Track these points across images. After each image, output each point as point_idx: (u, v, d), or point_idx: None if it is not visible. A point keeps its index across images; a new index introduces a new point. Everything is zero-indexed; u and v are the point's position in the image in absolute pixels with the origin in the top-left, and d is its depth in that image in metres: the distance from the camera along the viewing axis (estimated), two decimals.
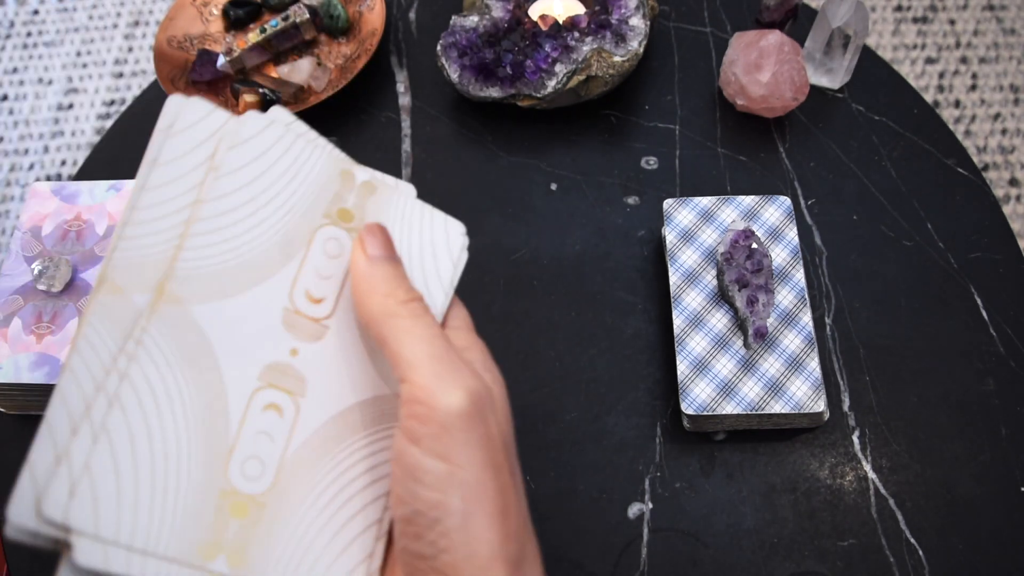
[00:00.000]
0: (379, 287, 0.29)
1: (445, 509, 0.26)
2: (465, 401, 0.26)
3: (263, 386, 0.29)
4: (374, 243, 0.30)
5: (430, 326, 0.28)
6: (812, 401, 0.51)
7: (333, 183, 0.32)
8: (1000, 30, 1.47)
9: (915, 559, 0.49)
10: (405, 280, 0.30)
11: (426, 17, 0.75)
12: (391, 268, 0.30)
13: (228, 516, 0.28)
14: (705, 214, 0.58)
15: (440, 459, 0.26)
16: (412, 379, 0.27)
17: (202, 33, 0.73)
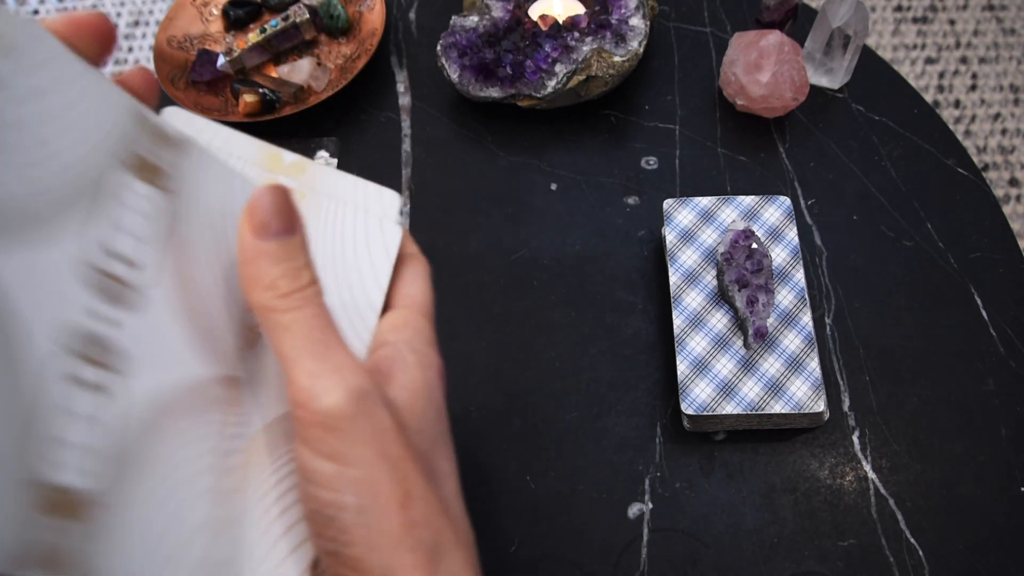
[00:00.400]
0: (263, 275, 0.26)
1: (338, 507, 0.25)
2: (343, 399, 0.25)
3: (62, 353, 0.24)
4: (260, 210, 0.26)
5: (312, 318, 0.26)
6: (812, 401, 0.51)
7: (123, 123, 0.26)
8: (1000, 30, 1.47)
9: (915, 559, 0.49)
10: (297, 261, 0.27)
11: (426, 17, 0.75)
12: (280, 247, 0.27)
13: (40, 516, 0.23)
14: (705, 214, 0.58)
15: (327, 459, 0.25)
16: (292, 379, 0.26)
17: (202, 33, 0.73)
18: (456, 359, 0.58)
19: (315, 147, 0.68)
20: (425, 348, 0.30)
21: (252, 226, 0.26)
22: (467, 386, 0.57)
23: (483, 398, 0.56)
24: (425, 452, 0.28)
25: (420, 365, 0.30)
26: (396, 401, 0.28)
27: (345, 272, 0.31)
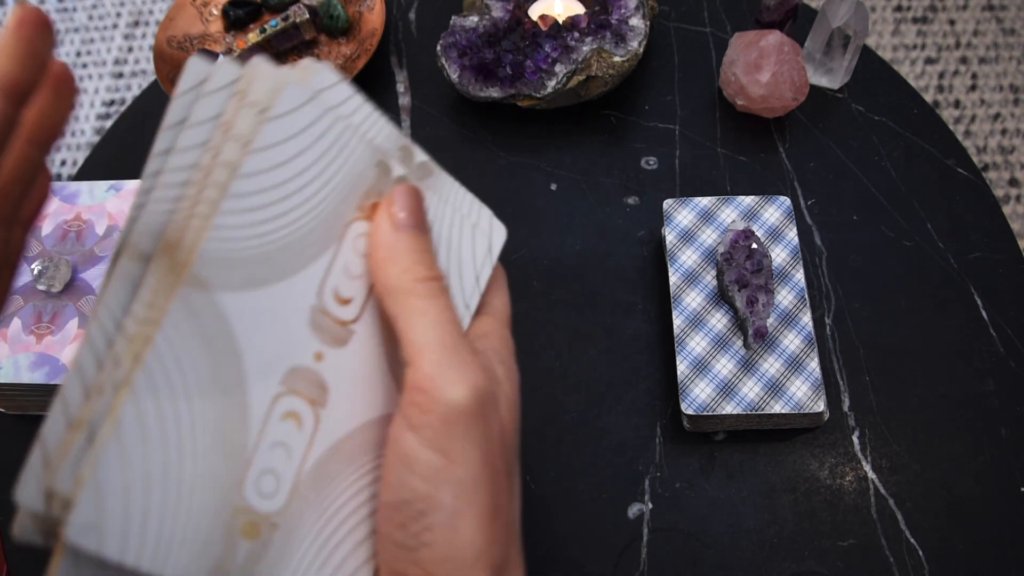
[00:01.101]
0: (400, 259, 0.27)
1: (434, 503, 0.25)
2: (469, 397, 0.25)
3: (285, 392, 0.26)
4: (403, 206, 0.28)
5: (445, 309, 0.27)
6: (812, 401, 0.51)
7: (368, 174, 0.29)
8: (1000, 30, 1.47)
9: (915, 559, 0.49)
10: (429, 254, 0.28)
11: (426, 17, 0.75)
12: (415, 239, 0.28)
13: (239, 537, 0.25)
14: (705, 214, 0.58)
15: (436, 452, 0.25)
16: (418, 365, 0.26)
17: (202, 33, 0.73)
18: None
19: None
20: (510, 360, 0.30)
21: (391, 216, 0.28)
22: None
23: None
24: (510, 458, 0.28)
25: (509, 379, 0.29)
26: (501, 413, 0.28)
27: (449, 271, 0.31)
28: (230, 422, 0.25)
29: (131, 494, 0.23)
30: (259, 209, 0.26)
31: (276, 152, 0.26)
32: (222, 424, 0.25)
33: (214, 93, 0.26)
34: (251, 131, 0.26)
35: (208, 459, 0.24)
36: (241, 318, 0.25)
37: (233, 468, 0.25)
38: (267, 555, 0.26)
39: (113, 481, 0.22)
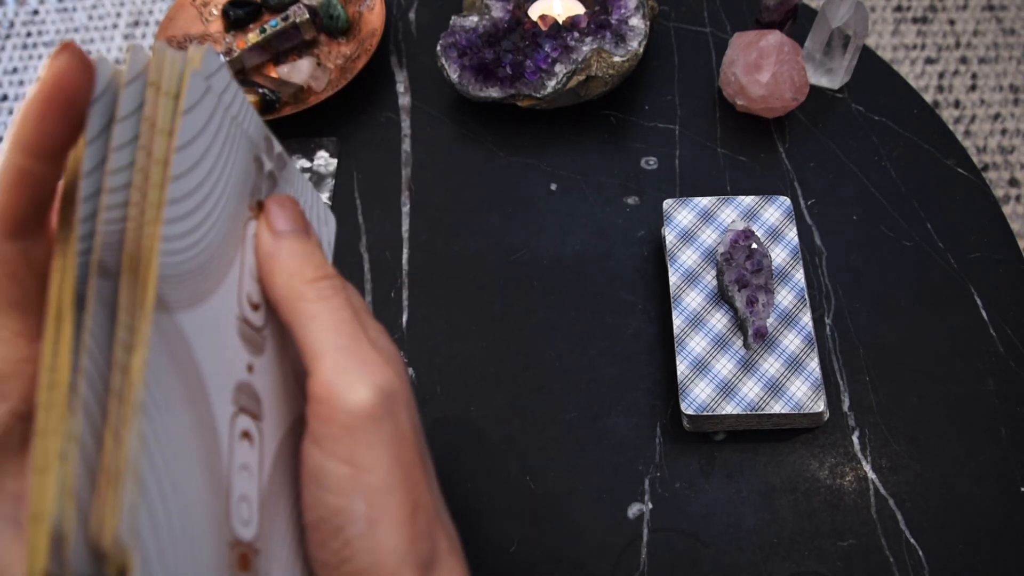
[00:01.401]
0: (284, 265, 0.26)
1: (348, 516, 0.24)
2: (371, 398, 0.24)
3: (236, 411, 0.25)
4: (281, 215, 0.27)
5: (338, 309, 0.26)
6: (812, 401, 0.51)
7: (251, 171, 0.28)
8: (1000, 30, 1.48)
9: (915, 559, 0.49)
10: (316, 255, 0.27)
11: (426, 17, 0.75)
12: (299, 243, 0.27)
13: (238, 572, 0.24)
14: (705, 214, 0.58)
15: (343, 462, 0.24)
16: (315, 373, 0.24)
17: (202, 33, 0.73)
18: (456, 359, 0.58)
19: (315, 147, 0.68)
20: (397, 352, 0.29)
21: (271, 228, 0.27)
22: (467, 386, 0.57)
23: (483, 398, 0.56)
24: (424, 455, 0.27)
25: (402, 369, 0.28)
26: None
27: None
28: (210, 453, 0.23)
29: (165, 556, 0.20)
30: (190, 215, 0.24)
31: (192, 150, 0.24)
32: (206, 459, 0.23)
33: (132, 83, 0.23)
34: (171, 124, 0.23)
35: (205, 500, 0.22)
36: (197, 337, 0.23)
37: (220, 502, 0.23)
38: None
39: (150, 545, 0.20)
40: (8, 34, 1.60)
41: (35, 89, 0.22)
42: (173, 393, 0.22)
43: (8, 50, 1.59)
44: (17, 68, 1.56)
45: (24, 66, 1.56)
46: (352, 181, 0.66)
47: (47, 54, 1.58)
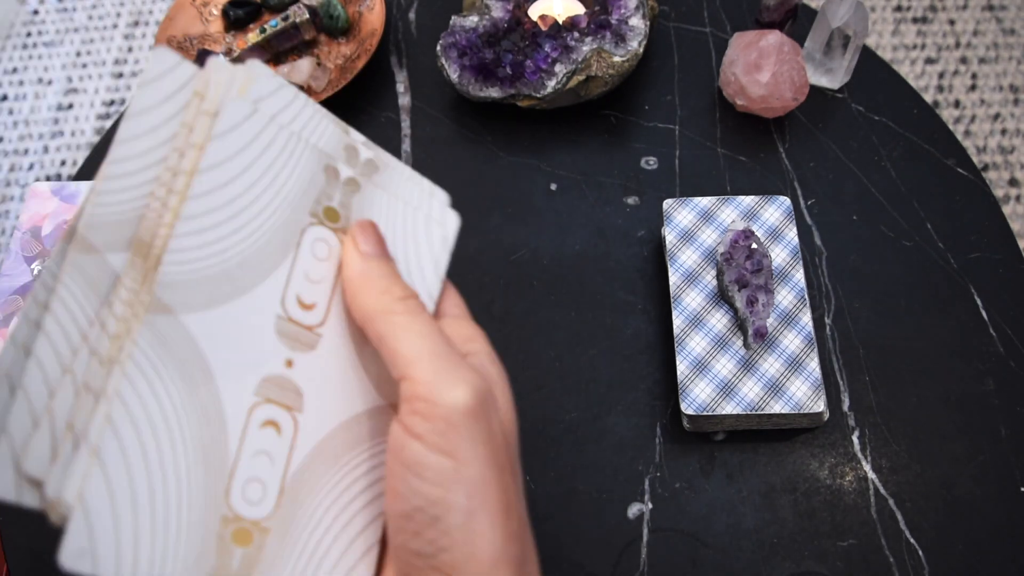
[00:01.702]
0: (374, 284, 0.29)
1: (447, 506, 0.25)
2: (469, 397, 0.26)
3: (260, 401, 0.27)
4: (366, 240, 0.30)
5: (428, 323, 0.28)
6: (812, 401, 0.51)
7: (318, 180, 0.30)
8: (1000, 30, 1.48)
9: (915, 559, 0.49)
10: (399, 277, 0.30)
11: (426, 17, 0.75)
12: (385, 265, 0.30)
13: (231, 545, 0.26)
14: (705, 214, 0.58)
15: (444, 455, 0.25)
16: (413, 376, 0.26)
17: (202, 33, 0.73)
18: None
19: None
20: (496, 359, 0.31)
21: (359, 248, 0.30)
22: None
23: None
24: (516, 465, 0.28)
25: (502, 378, 0.30)
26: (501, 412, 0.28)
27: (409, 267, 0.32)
28: (210, 438, 0.26)
29: (120, 519, 0.24)
30: (212, 228, 0.27)
31: (223, 171, 0.27)
32: (202, 441, 0.26)
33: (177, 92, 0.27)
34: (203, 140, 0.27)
35: (192, 476, 0.25)
36: (208, 336, 0.26)
37: (217, 480, 0.26)
38: (262, 558, 0.27)
39: (101, 508, 0.23)
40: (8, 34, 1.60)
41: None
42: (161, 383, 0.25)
43: (8, 50, 1.59)
44: (17, 68, 1.56)
45: (24, 66, 1.56)
46: None
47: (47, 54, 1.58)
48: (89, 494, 0.23)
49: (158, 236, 0.26)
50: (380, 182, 0.32)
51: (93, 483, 0.23)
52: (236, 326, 0.27)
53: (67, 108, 1.51)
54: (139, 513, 0.24)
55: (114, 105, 1.51)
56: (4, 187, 1.44)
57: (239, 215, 0.28)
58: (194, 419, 0.26)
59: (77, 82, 1.54)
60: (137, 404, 0.25)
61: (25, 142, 1.48)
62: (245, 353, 0.27)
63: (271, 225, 0.29)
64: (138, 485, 0.24)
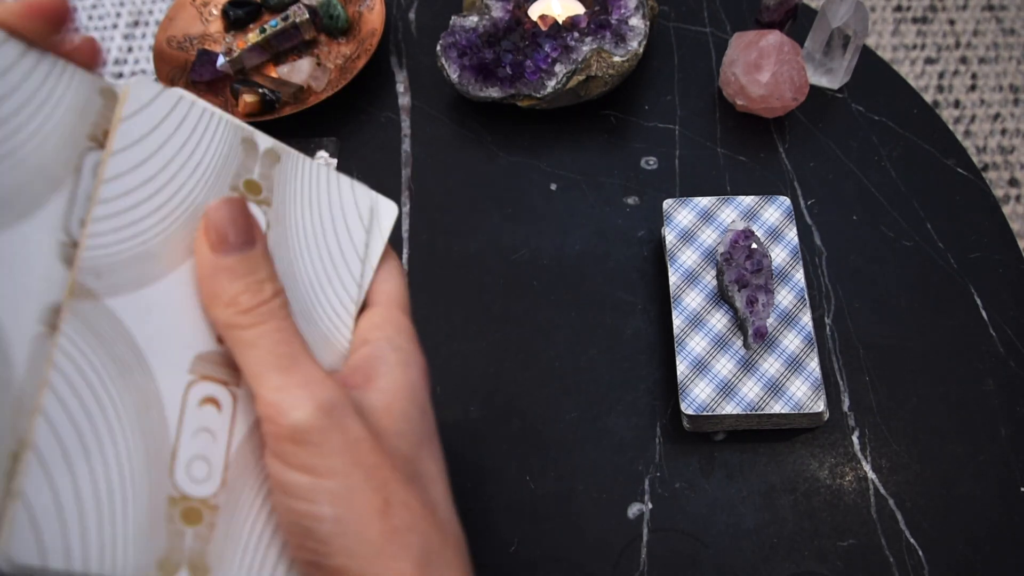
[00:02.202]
0: (222, 292, 0.26)
1: (316, 518, 0.25)
2: (311, 413, 0.25)
3: (196, 379, 0.27)
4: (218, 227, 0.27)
5: (275, 331, 0.26)
6: (812, 401, 0.51)
7: (236, 153, 0.29)
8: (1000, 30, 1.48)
9: (915, 559, 0.49)
10: (256, 274, 0.27)
11: (426, 17, 0.75)
12: (238, 262, 0.27)
13: (181, 525, 0.26)
14: (705, 214, 0.58)
15: (301, 472, 0.25)
16: (258, 394, 0.26)
17: (202, 33, 0.73)
18: (456, 359, 0.58)
19: (315, 147, 0.68)
20: (407, 345, 0.30)
21: (210, 242, 0.27)
22: (467, 386, 0.57)
23: (483, 398, 0.56)
24: (407, 455, 0.28)
25: (402, 364, 0.29)
26: (375, 405, 0.28)
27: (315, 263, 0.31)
28: (147, 419, 0.26)
29: (64, 509, 0.23)
30: (131, 209, 0.26)
31: (136, 151, 0.27)
32: (139, 424, 0.26)
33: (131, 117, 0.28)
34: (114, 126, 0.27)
35: (133, 459, 0.25)
36: (136, 319, 0.26)
37: (158, 462, 0.26)
38: (214, 536, 0.26)
39: (43, 500, 0.23)
40: None
41: None
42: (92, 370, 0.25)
43: None
44: None
45: None
46: None
47: None
48: (28, 487, 0.23)
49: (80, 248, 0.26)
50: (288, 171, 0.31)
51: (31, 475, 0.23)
52: (164, 306, 0.27)
53: None
54: (83, 501, 0.24)
55: None
56: None
57: (159, 192, 0.27)
58: (130, 402, 0.26)
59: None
60: (69, 393, 0.24)
61: None
62: (175, 332, 0.27)
63: (192, 200, 0.28)
64: (79, 472, 0.24)
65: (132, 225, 0.27)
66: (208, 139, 0.29)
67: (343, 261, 0.31)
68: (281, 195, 0.31)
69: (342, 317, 0.31)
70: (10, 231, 0.25)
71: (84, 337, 0.25)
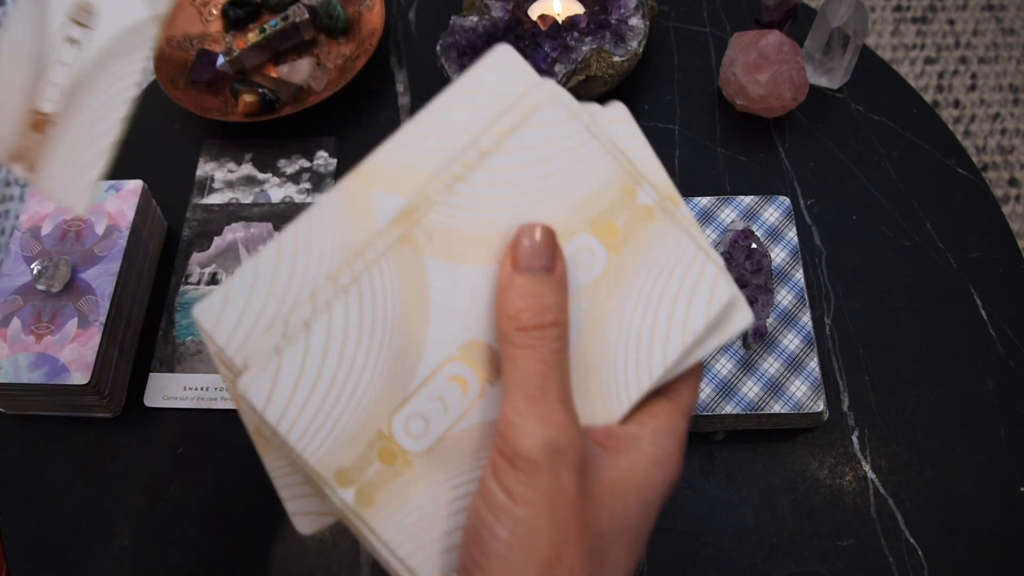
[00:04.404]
0: (509, 305, 0.28)
1: (493, 533, 0.26)
2: (536, 449, 0.26)
3: (458, 357, 0.29)
4: (524, 248, 0.29)
5: (540, 361, 0.27)
6: (811, 401, 0.51)
7: (610, 194, 0.30)
8: (999, 30, 1.48)
9: (915, 559, 0.49)
10: (545, 297, 0.28)
11: (426, 17, 0.75)
12: (532, 283, 0.28)
13: (375, 457, 0.28)
14: (705, 214, 0.58)
15: (502, 490, 0.27)
16: (503, 410, 0.27)
17: (202, 33, 0.73)
18: None
19: (315, 147, 0.68)
20: (670, 449, 0.30)
21: (512, 258, 0.29)
22: None
23: None
24: (604, 533, 0.28)
25: (654, 460, 0.29)
26: (605, 474, 0.28)
27: (640, 329, 0.30)
28: (400, 364, 0.28)
29: (300, 384, 0.27)
30: (488, 200, 0.29)
31: (521, 155, 0.30)
32: (392, 363, 0.28)
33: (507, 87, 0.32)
34: (508, 123, 0.30)
35: (371, 386, 0.28)
36: (441, 284, 0.29)
37: (389, 399, 0.28)
38: (393, 485, 0.28)
39: (291, 368, 0.27)
40: None
41: None
42: (384, 302, 0.29)
43: None
44: None
45: None
46: None
47: None
48: (288, 353, 0.27)
49: (431, 196, 0.29)
50: (677, 222, 0.31)
51: (293, 350, 0.27)
52: (467, 287, 0.29)
53: None
54: (317, 388, 0.27)
55: None
56: (4, 187, 1.44)
57: (518, 196, 0.30)
58: (396, 343, 0.28)
59: None
60: (356, 311, 0.28)
61: None
62: (464, 312, 0.29)
63: (535, 212, 0.30)
64: (327, 368, 0.28)
65: (482, 213, 0.29)
66: (591, 172, 0.30)
67: (663, 340, 0.30)
68: (635, 250, 0.30)
69: (629, 388, 0.30)
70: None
71: (394, 275, 0.29)
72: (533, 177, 0.30)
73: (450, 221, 0.29)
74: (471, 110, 0.31)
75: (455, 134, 0.30)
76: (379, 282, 0.28)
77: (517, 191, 0.30)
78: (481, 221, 0.29)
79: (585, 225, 0.30)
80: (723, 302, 0.30)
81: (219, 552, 0.52)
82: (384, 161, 0.30)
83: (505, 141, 0.30)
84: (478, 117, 0.31)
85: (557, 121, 0.30)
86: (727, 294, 0.30)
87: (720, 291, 0.30)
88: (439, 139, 0.30)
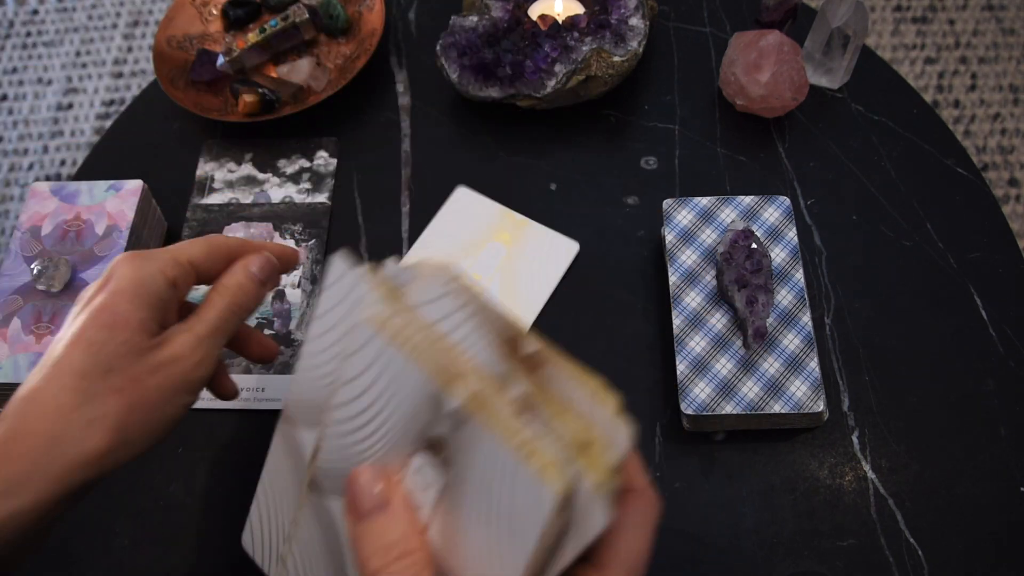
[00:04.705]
0: (359, 554, 0.29)
1: None
2: None
3: None
4: (355, 496, 0.30)
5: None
6: (811, 401, 0.51)
7: (425, 407, 0.30)
8: (999, 30, 1.48)
9: (914, 559, 0.49)
10: (385, 535, 0.29)
11: (426, 17, 0.75)
12: (371, 527, 0.30)
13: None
14: (704, 214, 0.58)
15: None
16: None
17: (201, 33, 0.73)
18: None
19: (315, 147, 0.68)
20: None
21: (349, 510, 0.30)
22: None
23: None
24: None
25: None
26: None
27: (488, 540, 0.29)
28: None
29: None
30: (351, 433, 0.32)
31: (356, 385, 0.32)
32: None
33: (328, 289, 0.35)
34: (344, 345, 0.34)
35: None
36: (340, 517, 0.34)
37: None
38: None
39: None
40: (8, 34, 1.60)
41: None
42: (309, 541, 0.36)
43: (8, 50, 1.59)
44: (17, 68, 1.56)
45: (24, 66, 1.56)
46: (352, 181, 0.66)
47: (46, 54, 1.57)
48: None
49: (320, 435, 0.34)
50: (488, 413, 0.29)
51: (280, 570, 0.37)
52: None
53: (67, 108, 1.51)
54: None
55: (113, 105, 1.51)
56: (4, 187, 1.44)
57: (368, 424, 0.32)
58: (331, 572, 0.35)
59: (77, 82, 1.54)
60: (299, 555, 0.36)
61: (25, 142, 1.48)
62: None
63: (375, 444, 0.31)
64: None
65: (346, 447, 0.32)
66: (403, 393, 0.30)
67: (509, 545, 0.29)
68: (465, 463, 0.29)
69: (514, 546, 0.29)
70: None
71: (313, 525, 0.35)
72: (369, 402, 0.31)
73: (331, 460, 0.33)
74: (329, 332, 0.34)
75: (326, 359, 0.34)
76: (306, 534, 0.35)
77: (366, 418, 0.32)
78: (348, 455, 0.32)
79: (421, 444, 0.31)
80: (548, 507, 0.27)
81: (219, 552, 0.52)
82: (296, 396, 0.35)
83: (344, 371, 0.32)
84: (334, 336, 0.34)
85: (369, 343, 0.31)
86: (550, 499, 0.27)
87: (544, 500, 0.27)
88: (317, 365, 0.34)
